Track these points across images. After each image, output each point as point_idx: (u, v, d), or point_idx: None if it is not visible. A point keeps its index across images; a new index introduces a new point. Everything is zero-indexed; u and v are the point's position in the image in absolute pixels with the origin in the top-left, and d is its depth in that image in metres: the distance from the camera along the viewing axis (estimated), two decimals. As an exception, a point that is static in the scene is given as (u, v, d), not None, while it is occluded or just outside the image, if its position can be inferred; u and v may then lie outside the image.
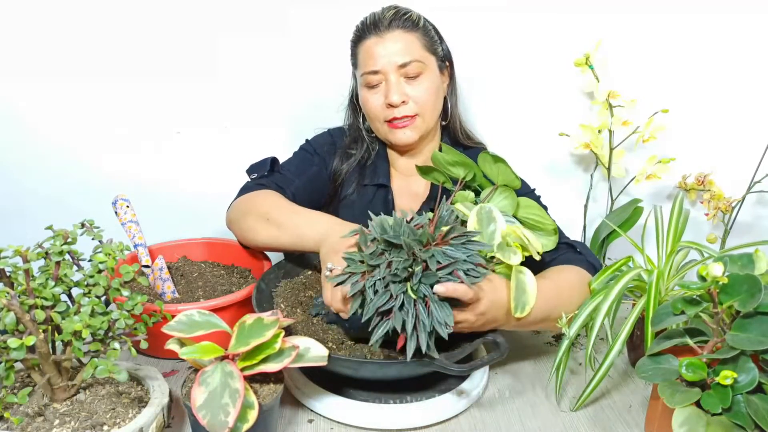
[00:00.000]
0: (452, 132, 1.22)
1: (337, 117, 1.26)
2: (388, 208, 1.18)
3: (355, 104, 1.21)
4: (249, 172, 1.14)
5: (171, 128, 1.34)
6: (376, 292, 0.72)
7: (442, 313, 0.72)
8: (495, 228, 0.85)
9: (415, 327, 0.72)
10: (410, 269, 0.72)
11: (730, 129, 1.33)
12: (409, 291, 0.72)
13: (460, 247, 0.74)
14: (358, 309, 0.75)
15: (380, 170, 1.19)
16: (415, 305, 0.72)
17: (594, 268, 1.00)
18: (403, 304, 0.72)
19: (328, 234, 0.90)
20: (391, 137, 1.14)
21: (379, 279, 0.72)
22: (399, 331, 0.72)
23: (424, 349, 0.72)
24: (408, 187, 1.21)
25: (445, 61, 1.16)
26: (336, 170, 1.19)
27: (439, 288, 0.72)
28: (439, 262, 0.72)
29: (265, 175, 1.12)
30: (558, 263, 0.99)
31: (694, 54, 1.30)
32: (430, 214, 0.80)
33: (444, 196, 0.97)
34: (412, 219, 0.78)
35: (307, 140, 1.22)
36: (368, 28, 1.09)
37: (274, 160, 1.15)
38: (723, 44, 1.29)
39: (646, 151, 1.30)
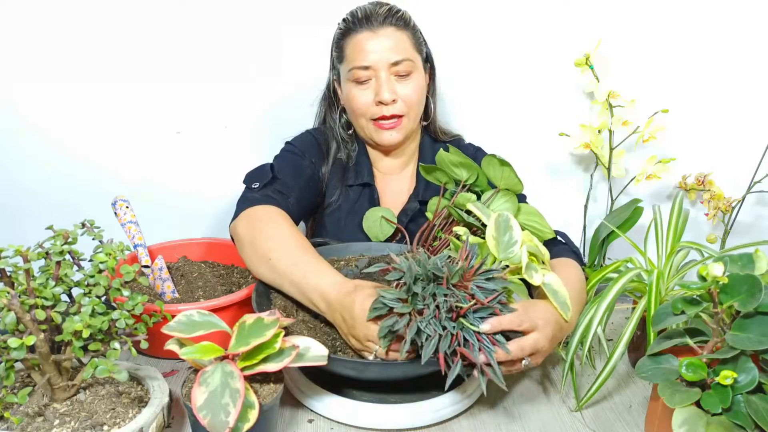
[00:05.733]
0: (432, 130, 1.23)
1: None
2: (374, 206, 1.17)
3: (331, 99, 1.19)
4: (247, 181, 1.05)
5: (171, 128, 1.34)
6: (429, 333, 0.73)
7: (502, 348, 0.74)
8: (511, 237, 0.85)
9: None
10: (459, 305, 0.73)
11: (730, 129, 1.33)
12: (468, 325, 0.73)
13: (487, 282, 0.76)
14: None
15: (363, 169, 1.18)
16: (477, 337, 0.73)
17: (577, 256, 1.02)
18: (465, 340, 0.73)
19: (336, 300, 0.82)
20: (376, 137, 1.13)
21: (432, 318, 0.73)
22: (479, 372, 0.73)
23: (500, 382, 0.74)
24: (391, 186, 1.21)
25: (428, 62, 1.16)
26: (324, 174, 1.17)
27: (485, 327, 0.73)
28: (485, 296, 0.74)
29: (266, 183, 1.04)
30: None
31: (694, 54, 1.30)
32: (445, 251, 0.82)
33: (448, 225, 0.98)
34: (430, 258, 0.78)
35: (288, 142, 1.18)
36: (360, 22, 1.07)
37: (273, 166, 1.08)
38: (723, 44, 1.29)
39: (646, 151, 1.30)
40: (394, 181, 1.22)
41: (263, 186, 1.04)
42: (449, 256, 0.80)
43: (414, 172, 1.22)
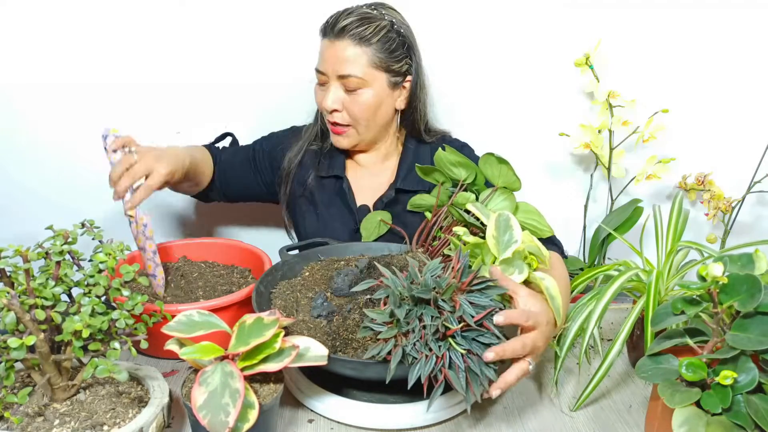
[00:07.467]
0: (416, 133, 1.21)
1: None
2: (346, 199, 1.19)
3: None
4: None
5: (171, 128, 1.34)
6: (414, 356, 0.73)
7: (488, 371, 0.74)
8: (511, 236, 0.85)
9: (467, 380, 0.73)
10: (446, 325, 0.73)
11: (730, 129, 1.34)
12: (454, 345, 0.73)
13: (482, 294, 0.76)
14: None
15: (336, 162, 1.20)
16: (463, 359, 0.73)
17: (561, 251, 1.04)
18: (450, 361, 0.73)
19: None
20: (331, 138, 1.17)
21: (418, 340, 0.73)
22: (462, 390, 0.72)
23: (479, 398, 0.74)
24: (369, 178, 1.22)
25: (404, 77, 1.11)
26: (289, 162, 1.20)
27: (498, 319, 0.73)
28: (472, 315, 0.73)
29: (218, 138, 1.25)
30: None
31: (694, 54, 1.30)
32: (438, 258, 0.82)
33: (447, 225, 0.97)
34: (424, 268, 0.78)
35: (271, 132, 1.26)
36: (326, 28, 1.08)
37: (232, 138, 1.26)
38: (723, 44, 1.29)
39: (646, 151, 1.30)
40: (374, 173, 1.22)
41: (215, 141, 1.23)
42: (444, 266, 0.80)
43: (396, 166, 1.21)
